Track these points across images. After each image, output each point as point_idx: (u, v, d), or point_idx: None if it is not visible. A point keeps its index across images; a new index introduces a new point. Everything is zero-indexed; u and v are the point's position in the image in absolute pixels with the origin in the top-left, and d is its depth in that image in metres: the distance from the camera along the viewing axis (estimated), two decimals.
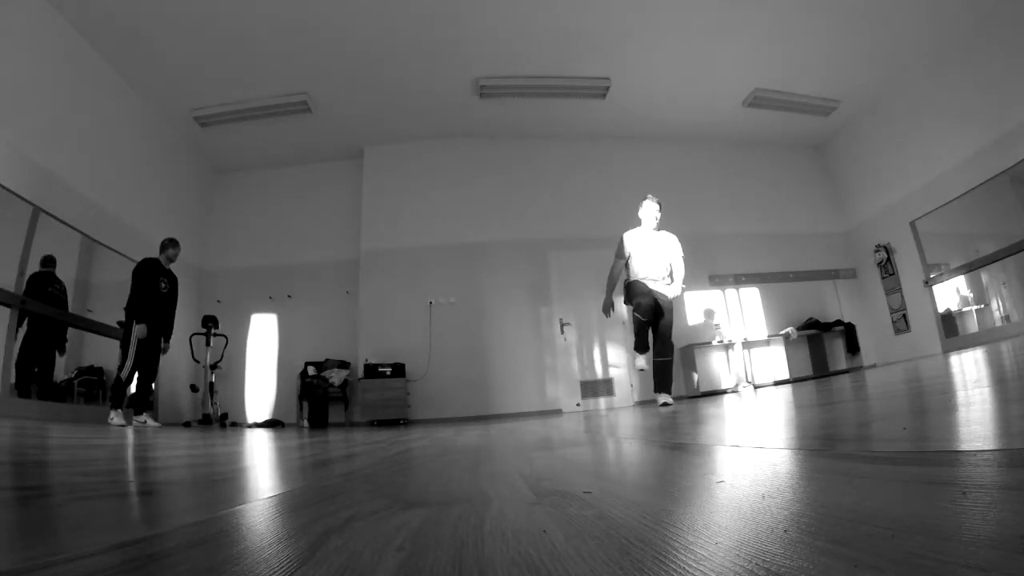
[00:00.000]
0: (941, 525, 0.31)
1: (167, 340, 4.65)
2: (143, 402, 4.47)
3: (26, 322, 4.25)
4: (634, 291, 4.00)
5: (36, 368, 4.38)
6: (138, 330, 4.26)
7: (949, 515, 0.33)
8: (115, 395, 4.25)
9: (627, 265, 4.12)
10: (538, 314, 6.79)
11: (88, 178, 5.07)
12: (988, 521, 0.31)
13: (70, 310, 4.77)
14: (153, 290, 4.44)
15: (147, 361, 4.41)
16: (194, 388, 6.30)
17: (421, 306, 6.71)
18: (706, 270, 7.22)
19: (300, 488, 0.89)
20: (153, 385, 4.79)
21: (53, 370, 4.59)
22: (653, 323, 3.93)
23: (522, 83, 6.30)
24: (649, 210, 4.13)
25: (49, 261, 4.53)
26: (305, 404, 6.17)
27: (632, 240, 4.14)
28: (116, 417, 4.11)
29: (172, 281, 4.71)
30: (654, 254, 4.05)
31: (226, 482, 1.02)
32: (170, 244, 4.70)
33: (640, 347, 4.04)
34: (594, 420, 3.01)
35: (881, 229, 7.14)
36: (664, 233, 4.16)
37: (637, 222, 4.22)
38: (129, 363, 4.25)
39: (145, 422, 4.35)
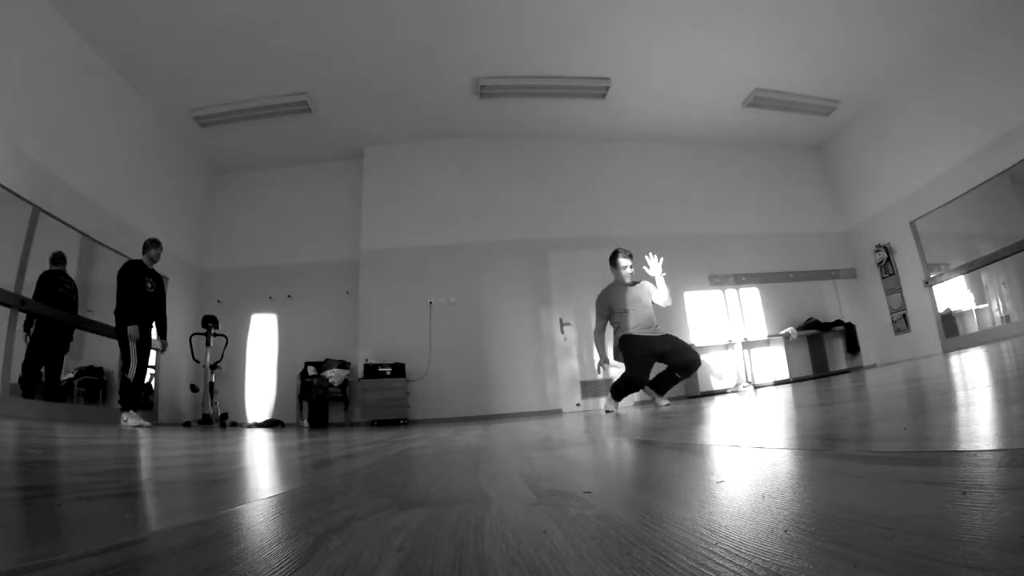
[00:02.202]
0: (941, 525, 0.31)
1: (164, 337, 4.68)
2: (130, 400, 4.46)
3: (35, 322, 4.26)
4: (632, 346, 3.94)
5: (43, 369, 4.37)
6: (131, 331, 4.27)
7: (949, 515, 0.33)
8: (126, 397, 4.27)
9: (617, 320, 4.08)
10: (538, 314, 6.79)
11: (88, 178, 5.07)
12: (988, 521, 0.31)
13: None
14: (140, 291, 4.43)
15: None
16: (194, 388, 6.30)
17: (421, 306, 6.71)
18: (706, 270, 7.22)
19: (300, 488, 0.89)
20: (144, 382, 4.75)
21: (61, 372, 4.59)
22: (663, 359, 3.92)
23: (522, 83, 6.30)
24: (622, 267, 4.07)
25: (59, 259, 4.52)
26: (305, 404, 6.17)
27: (612, 297, 4.11)
28: (131, 419, 4.13)
29: (157, 281, 4.69)
30: (638, 305, 4.03)
31: (226, 482, 1.02)
32: (152, 244, 4.64)
33: (623, 390, 3.97)
34: (594, 420, 3.01)
35: (881, 229, 7.13)
36: (641, 283, 4.14)
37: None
38: (134, 363, 4.27)
39: (126, 420, 4.34)
